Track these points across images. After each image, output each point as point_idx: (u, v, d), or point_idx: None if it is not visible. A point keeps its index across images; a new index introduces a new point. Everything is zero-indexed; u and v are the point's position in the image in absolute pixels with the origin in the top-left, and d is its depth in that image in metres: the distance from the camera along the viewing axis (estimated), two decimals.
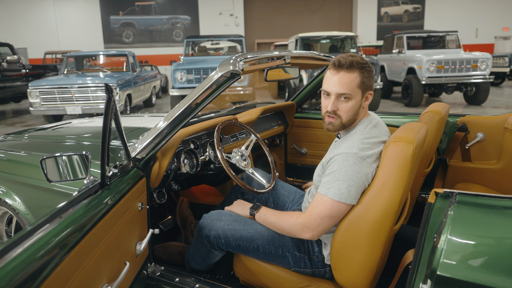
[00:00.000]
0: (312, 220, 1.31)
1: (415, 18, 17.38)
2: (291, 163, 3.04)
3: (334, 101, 1.38)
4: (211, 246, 1.61)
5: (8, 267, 0.77)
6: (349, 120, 1.40)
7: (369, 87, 1.40)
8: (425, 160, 1.90)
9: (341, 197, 1.27)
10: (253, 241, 1.51)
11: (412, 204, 2.03)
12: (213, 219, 1.60)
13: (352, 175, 1.27)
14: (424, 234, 1.04)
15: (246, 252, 1.55)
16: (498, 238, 0.90)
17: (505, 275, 0.85)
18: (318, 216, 1.30)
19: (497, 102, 9.56)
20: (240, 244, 1.54)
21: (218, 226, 1.57)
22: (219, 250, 1.62)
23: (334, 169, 1.31)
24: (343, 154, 1.31)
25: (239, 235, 1.53)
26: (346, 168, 1.28)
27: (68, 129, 2.64)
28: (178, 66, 7.77)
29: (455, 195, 0.99)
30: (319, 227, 1.31)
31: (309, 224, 1.32)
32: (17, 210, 1.83)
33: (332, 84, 1.37)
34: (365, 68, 1.37)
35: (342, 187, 1.27)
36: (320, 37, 9.79)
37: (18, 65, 9.52)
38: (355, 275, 1.33)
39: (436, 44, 10.27)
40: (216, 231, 1.57)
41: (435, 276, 0.90)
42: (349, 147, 1.32)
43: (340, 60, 1.36)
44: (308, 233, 1.33)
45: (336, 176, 1.29)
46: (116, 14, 16.75)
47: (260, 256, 1.54)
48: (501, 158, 2.15)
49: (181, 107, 1.53)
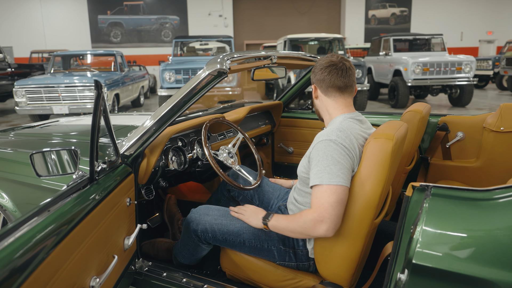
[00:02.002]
0: (322, 211, 1.24)
1: (402, 21, 17.63)
2: (278, 162, 3.08)
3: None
4: (198, 240, 1.64)
5: None
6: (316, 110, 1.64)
7: (312, 81, 1.57)
8: (407, 157, 1.96)
9: (338, 180, 1.26)
10: (240, 235, 1.55)
11: (394, 201, 2.08)
12: (201, 213, 1.64)
13: (338, 157, 1.28)
14: (402, 226, 1.09)
15: (233, 246, 1.59)
16: (470, 229, 0.95)
17: (475, 263, 0.90)
18: (327, 205, 1.24)
19: (480, 104, 9.77)
20: (227, 238, 1.57)
21: (206, 220, 1.61)
22: (206, 244, 1.65)
23: (319, 157, 1.31)
24: (323, 141, 1.33)
25: (226, 229, 1.57)
26: (331, 153, 1.29)
27: (56, 127, 2.63)
28: (167, 66, 7.77)
29: (430, 188, 1.04)
30: (332, 217, 1.24)
31: (320, 216, 1.25)
32: (5, 207, 1.83)
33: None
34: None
35: (334, 171, 1.27)
36: (308, 39, 9.87)
37: (3, 63, 9.39)
38: (337, 268, 1.37)
39: (422, 47, 10.46)
40: (203, 225, 1.60)
41: (411, 265, 0.95)
42: (328, 134, 1.34)
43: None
44: (322, 226, 1.25)
45: (324, 163, 1.29)
46: (104, 14, 16.61)
47: (246, 250, 1.57)
48: (479, 156, 2.23)
49: (168, 105, 1.56)
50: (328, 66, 1.47)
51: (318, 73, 1.51)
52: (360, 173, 1.30)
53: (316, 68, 1.52)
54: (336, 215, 1.25)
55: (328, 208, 1.24)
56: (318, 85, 1.53)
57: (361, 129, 1.43)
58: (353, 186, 1.30)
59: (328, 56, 1.51)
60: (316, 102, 1.59)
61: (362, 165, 1.30)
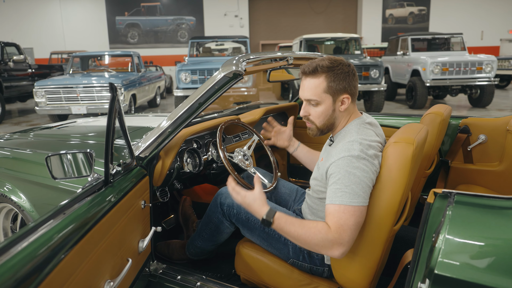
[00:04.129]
0: (343, 234, 1.18)
1: (420, 20, 17.33)
2: (294, 164, 3.05)
3: (304, 106, 1.41)
4: (222, 215, 1.66)
5: (12, 261, 0.79)
6: (324, 124, 1.39)
7: (341, 90, 1.34)
8: (427, 161, 1.91)
9: (360, 201, 1.20)
10: None
11: (413, 205, 2.03)
12: None
13: (362, 175, 1.22)
14: (423, 234, 1.05)
15: (252, 229, 1.58)
16: (496, 238, 0.91)
17: (502, 275, 0.86)
18: (347, 228, 1.18)
19: (502, 105, 9.52)
20: (249, 218, 1.58)
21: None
22: (229, 222, 1.66)
23: (341, 175, 1.23)
24: (346, 157, 1.25)
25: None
26: (354, 171, 1.22)
27: (73, 128, 2.67)
28: (183, 66, 7.81)
29: (453, 195, 1.00)
30: (350, 240, 1.19)
31: (340, 239, 1.18)
32: (22, 207, 1.86)
33: (301, 90, 1.40)
34: (334, 70, 1.32)
35: (356, 190, 1.20)
36: (325, 39, 9.79)
37: (24, 64, 9.60)
38: (354, 275, 1.34)
39: (441, 46, 10.25)
40: (231, 200, 1.63)
41: (433, 275, 0.92)
42: (349, 149, 1.26)
43: (305, 67, 1.37)
44: (340, 249, 1.19)
45: (346, 182, 1.22)
46: (121, 15, 16.84)
47: (264, 236, 1.55)
48: (503, 160, 2.15)
49: (184, 107, 1.55)
50: (352, 69, 1.37)
51: (349, 77, 1.35)
52: (380, 178, 1.26)
53: (342, 75, 1.33)
54: (354, 238, 1.21)
55: (347, 231, 1.19)
56: (352, 91, 1.36)
57: (375, 134, 1.36)
58: (372, 192, 1.27)
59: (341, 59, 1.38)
60: (335, 115, 1.38)
61: (382, 170, 1.27)
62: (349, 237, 1.19)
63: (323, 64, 1.33)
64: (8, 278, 0.75)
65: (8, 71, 9.03)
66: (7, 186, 1.92)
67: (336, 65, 1.33)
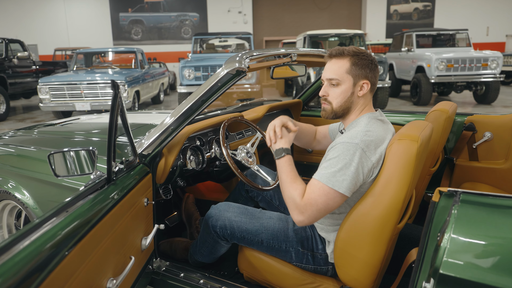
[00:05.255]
0: (308, 206, 1.26)
1: (425, 16, 17.21)
2: (297, 161, 3.04)
3: (324, 86, 1.43)
4: (217, 236, 1.63)
5: (15, 258, 0.79)
6: (340, 106, 1.40)
7: (362, 75, 1.38)
8: (431, 159, 1.89)
9: (337, 186, 1.23)
10: (258, 235, 1.53)
11: (417, 203, 2.02)
12: (221, 210, 1.63)
13: (349, 165, 1.24)
14: (427, 233, 1.04)
15: (250, 245, 1.57)
16: (502, 237, 0.89)
17: (508, 275, 0.84)
18: (314, 203, 1.25)
19: (507, 101, 9.45)
20: (245, 236, 1.56)
21: (226, 216, 1.60)
22: (224, 241, 1.64)
23: (333, 156, 1.27)
24: (345, 143, 1.27)
25: (245, 228, 1.55)
26: (345, 156, 1.25)
27: (77, 125, 2.67)
28: (186, 63, 7.80)
29: (459, 194, 0.99)
30: (310, 217, 1.27)
31: (303, 209, 1.27)
32: (26, 204, 1.86)
33: (324, 71, 1.43)
34: (359, 56, 1.38)
35: (340, 176, 1.23)
36: (329, 35, 9.74)
37: (28, 61, 9.63)
38: (358, 273, 1.33)
39: (446, 42, 10.17)
40: (223, 221, 1.59)
41: (438, 274, 0.90)
42: (352, 137, 1.28)
43: (332, 50, 1.41)
44: (298, 216, 1.28)
45: (333, 163, 1.26)
46: (125, 11, 16.84)
47: (263, 249, 1.55)
48: (509, 157, 2.13)
49: (187, 104, 1.54)
50: (375, 62, 1.41)
51: (372, 66, 1.39)
52: (383, 175, 1.25)
53: (366, 61, 1.38)
54: (315, 217, 1.28)
55: (313, 206, 1.26)
56: (372, 80, 1.40)
57: (383, 130, 1.36)
58: (375, 189, 1.26)
59: (366, 50, 1.43)
60: (352, 99, 1.40)
61: (385, 167, 1.25)
62: (312, 212, 1.26)
63: (349, 49, 1.40)
64: (13, 274, 0.76)
65: (12, 67, 9.05)
66: (11, 183, 1.92)
67: (361, 52, 1.39)
